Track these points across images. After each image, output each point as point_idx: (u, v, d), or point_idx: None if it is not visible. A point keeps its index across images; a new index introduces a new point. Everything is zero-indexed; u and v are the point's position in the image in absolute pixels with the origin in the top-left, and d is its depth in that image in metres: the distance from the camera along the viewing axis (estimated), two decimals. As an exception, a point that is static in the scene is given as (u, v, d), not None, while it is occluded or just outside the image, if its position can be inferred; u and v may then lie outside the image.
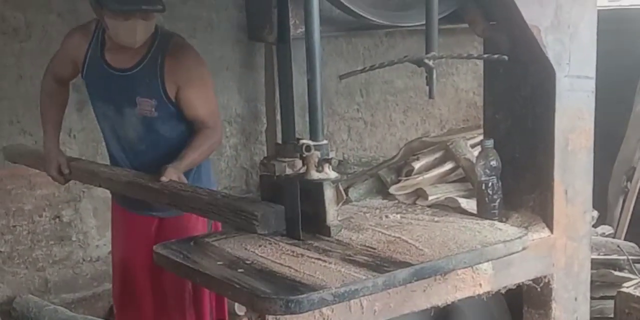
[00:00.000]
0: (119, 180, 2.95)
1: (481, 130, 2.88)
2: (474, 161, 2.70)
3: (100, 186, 3.12)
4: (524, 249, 2.16)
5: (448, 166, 4.32)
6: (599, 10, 2.45)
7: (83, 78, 3.10)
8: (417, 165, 4.34)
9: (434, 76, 2.15)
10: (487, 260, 2.16)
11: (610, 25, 4.02)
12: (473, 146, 4.36)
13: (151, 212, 3.15)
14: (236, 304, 3.91)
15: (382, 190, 4.37)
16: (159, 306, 3.30)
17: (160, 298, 3.28)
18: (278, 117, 3.56)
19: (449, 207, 3.74)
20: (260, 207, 2.21)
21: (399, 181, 4.32)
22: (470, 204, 3.58)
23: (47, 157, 3.17)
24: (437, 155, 4.39)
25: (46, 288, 4.41)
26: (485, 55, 2.28)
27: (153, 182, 2.80)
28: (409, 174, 4.36)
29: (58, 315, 4.08)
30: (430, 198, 4.07)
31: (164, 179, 2.75)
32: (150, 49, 2.93)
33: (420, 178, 4.24)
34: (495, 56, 2.21)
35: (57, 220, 4.40)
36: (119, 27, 2.80)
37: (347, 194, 4.20)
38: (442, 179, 4.29)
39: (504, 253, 2.11)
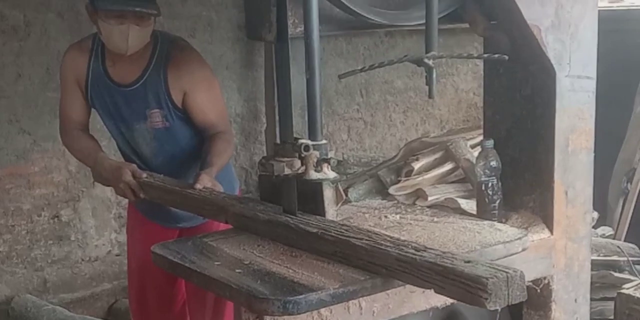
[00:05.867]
0: (257, 219, 2.22)
1: (481, 131, 2.87)
2: (474, 162, 2.69)
3: (226, 222, 2.37)
4: (523, 250, 2.15)
5: (448, 167, 4.31)
6: (600, 11, 2.44)
7: (88, 96, 2.96)
8: (416, 165, 4.33)
9: (434, 76, 2.14)
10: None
11: (612, 26, 4.01)
12: (473, 147, 4.35)
13: (177, 223, 3.11)
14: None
15: (381, 190, 4.35)
16: (180, 316, 3.27)
17: (181, 309, 3.26)
18: (278, 116, 3.55)
19: (448, 207, 3.72)
20: (488, 271, 1.66)
21: (399, 181, 4.31)
22: (470, 205, 3.56)
23: (114, 168, 2.83)
24: (437, 155, 4.37)
25: (45, 288, 4.39)
26: (486, 55, 2.27)
27: (188, 188, 2.59)
28: (408, 174, 4.35)
29: (56, 315, 4.06)
30: (429, 199, 4.05)
31: (198, 186, 2.59)
32: (152, 58, 2.87)
33: (420, 178, 4.23)
34: (496, 56, 2.20)
35: (55, 219, 4.39)
36: (112, 31, 2.72)
37: (346, 194, 4.19)
38: (442, 179, 4.28)
39: (503, 254, 2.10)
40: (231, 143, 2.99)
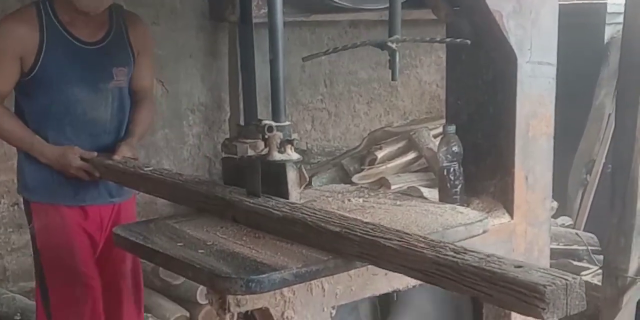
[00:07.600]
0: (270, 216, 2.02)
1: (444, 121, 2.89)
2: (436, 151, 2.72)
3: (234, 219, 2.16)
4: (484, 232, 2.18)
5: (411, 156, 4.36)
6: (562, 5, 2.48)
7: (37, 67, 2.81)
8: (380, 154, 4.38)
9: (397, 59, 2.16)
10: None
11: (573, 20, 4.07)
12: (435, 136, 4.40)
13: (111, 198, 3.01)
14: (198, 292, 3.90)
15: (345, 179, 4.39)
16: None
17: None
18: (241, 105, 3.55)
19: (411, 196, 3.76)
20: (544, 277, 1.47)
21: (362, 170, 4.35)
22: (432, 194, 3.61)
23: (58, 155, 2.80)
24: (400, 144, 4.43)
25: (4, 276, 4.34)
26: (448, 39, 2.29)
27: (107, 159, 2.68)
28: (372, 163, 4.40)
29: (16, 303, 4.02)
30: (393, 187, 4.10)
31: (116, 157, 2.68)
32: (112, 19, 2.92)
33: (384, 167, 4.27)
34: (458, 40, 2.22)
35: (15, 207, 4.33)
36: None
37: (310, 182, 4.21)
38: (405, 168, 4.33)
39: (464, 236, 2.12)
40: (152, 111, 3.13)
